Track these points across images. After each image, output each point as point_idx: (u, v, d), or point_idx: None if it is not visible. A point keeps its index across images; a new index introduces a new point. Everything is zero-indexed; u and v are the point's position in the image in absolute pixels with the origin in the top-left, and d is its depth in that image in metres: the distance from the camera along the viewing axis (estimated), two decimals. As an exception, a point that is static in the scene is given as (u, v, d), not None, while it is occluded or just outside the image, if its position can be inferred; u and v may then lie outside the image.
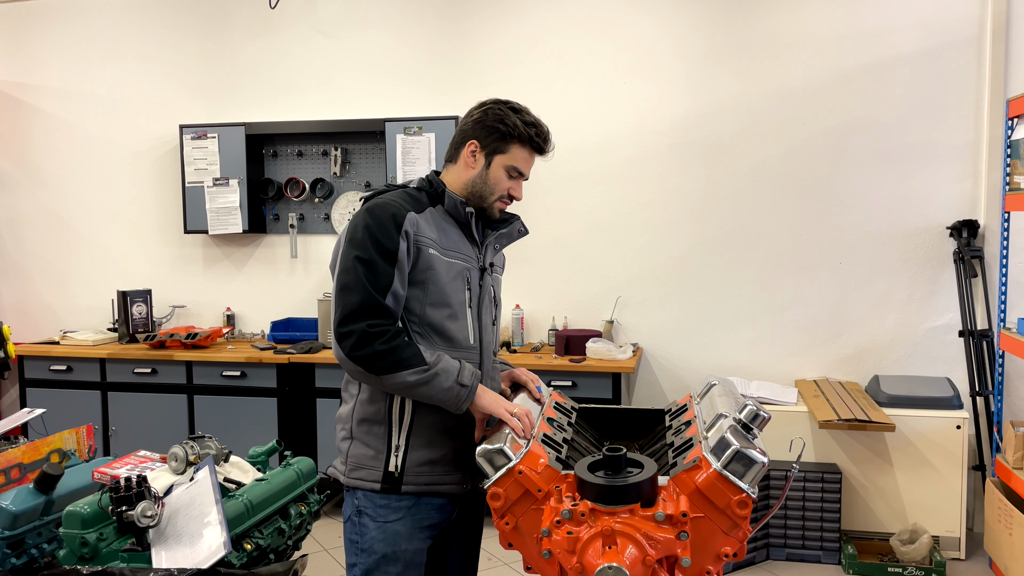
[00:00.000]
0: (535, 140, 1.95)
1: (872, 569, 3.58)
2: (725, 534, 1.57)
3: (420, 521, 1.90)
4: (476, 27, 4.52)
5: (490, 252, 2.03)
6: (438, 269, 1.87)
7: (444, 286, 1.88)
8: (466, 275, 1.94)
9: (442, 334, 1.89)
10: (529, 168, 1.99)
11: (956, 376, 4.05)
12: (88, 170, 5.07)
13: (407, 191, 1.96)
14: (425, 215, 1.90)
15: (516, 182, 1.98)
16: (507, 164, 1.95)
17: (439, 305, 1.88)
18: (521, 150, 1.95)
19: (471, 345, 1.94)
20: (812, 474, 3.71)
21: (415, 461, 1.88)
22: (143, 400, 4.44)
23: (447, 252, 1.91)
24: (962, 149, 4.04)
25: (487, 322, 2.00)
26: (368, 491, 1.90)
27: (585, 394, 4.00)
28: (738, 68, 4.25)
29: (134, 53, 4.96)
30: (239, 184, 4.65)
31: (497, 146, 1.94)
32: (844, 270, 4.21)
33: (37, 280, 5.19)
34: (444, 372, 1.79)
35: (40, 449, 2.46)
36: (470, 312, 1.94)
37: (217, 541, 2.07)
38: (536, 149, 1.97)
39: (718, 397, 1.87)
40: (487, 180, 1.95)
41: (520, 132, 1.93)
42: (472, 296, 1.95)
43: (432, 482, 1.90)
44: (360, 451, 1.91)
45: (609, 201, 4.44)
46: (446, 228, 1.93)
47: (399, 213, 1.83)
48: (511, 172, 1.96)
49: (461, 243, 1.95)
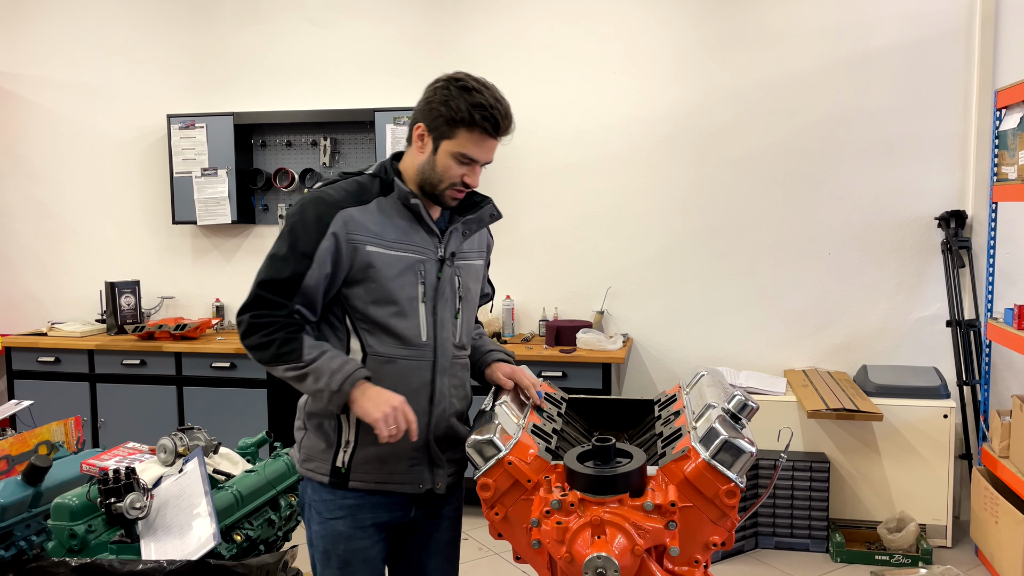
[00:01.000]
0: (483, 124, 1.77)
1: (860, 557, 3.61)
2: (713, 523, 1.58)
3: (363, 520, 1.85)
4: (466, 16, 4.50)
5: (455, 240, 1.89)
6: (379, 266, 1.78)
7: (388, 283, 1.79)
8: (418, 268, 1.83)
9: (389, 332, 1.81)
10: (485, 153, 1.81)
11: (943, 366, 4.07)
12: (75, 160, 5.03)
13: (359, 180, 1.86)
14: (370, 207, 1.80)
15: (470, 168, 1.81)
16: (454, 151, 1.78)
17: (383, 303, 1.80)
18: (469, 135, 1.78)
19: (423, 342, 1.83)
20: (800, 463, 3.74)
21: (363, 458, 1.82)
22: (132, 391, 4.42)
23: (393, 245, 1.80)
24: (950, 140, 4.05)
25: (445, 317, 1.87)
26: (317, 484, 1.87)
27: (575, 384, 4.01)
28: (728, 59, 4.24)
29: (121, 42, 4.91)
30: (228, 174, 4.62)
31: (443, 131, 1.79)
32: (833, 260, 4.22)
33: (24, 271, 5.15)
34: (315, 372, 1.74)
35: (28, 441, 2.44)
36: (423, 307, 1.83)
37: (206, 533, 2.06)
38: (487, 133, 1.78)
39: (707, 387, 1.87)
40: (435, 167, 1.81)
41: (465, 116, 1.76)
42: (426, 290, 1.84)
43: (382, 480, 1.84)
44: (311, 443, 1.88)
45: (599, 192, 4.44)
46: (395, 218, 1.82)
47: (327, 213, 1.76)
48: (460, 159, 1.79)
49: (413, 234, 1.83)
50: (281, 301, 1.76)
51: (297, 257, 1.75)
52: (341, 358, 1.76)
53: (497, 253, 2.16)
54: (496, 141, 1.82)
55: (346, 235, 1.76)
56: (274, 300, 1.76)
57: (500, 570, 3.58)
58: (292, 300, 1.76)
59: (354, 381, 1.73)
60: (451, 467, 1.93)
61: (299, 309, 1.78)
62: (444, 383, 1.87)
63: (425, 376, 1.85)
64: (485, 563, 3.65)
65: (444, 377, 1.88)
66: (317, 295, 1.78)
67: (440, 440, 1.88)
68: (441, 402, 1.87)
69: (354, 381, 1.73)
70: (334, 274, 1.78)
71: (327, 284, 1.79)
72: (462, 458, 1.93)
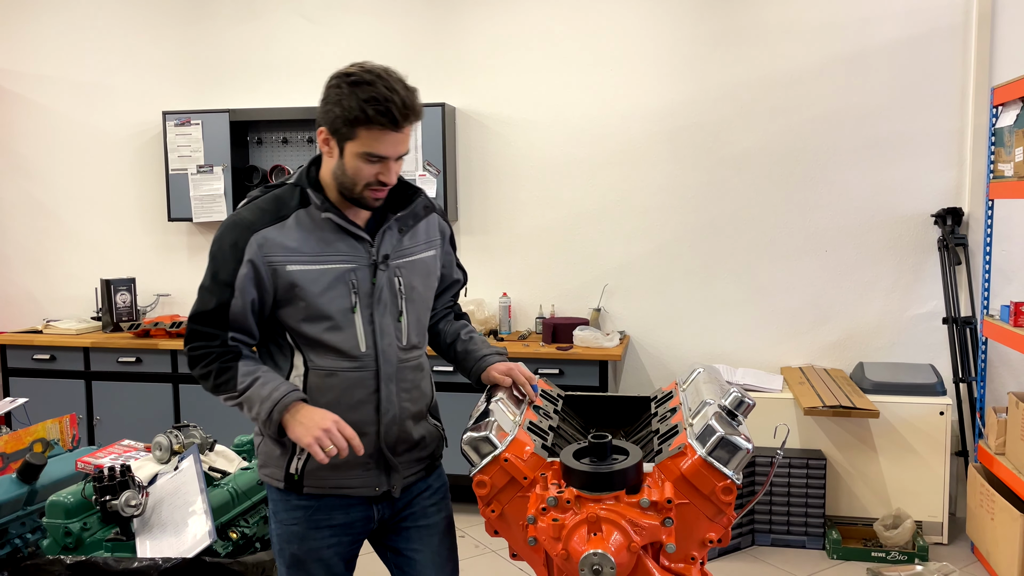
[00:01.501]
0: (380, 120, 1.65)
1: (856, 554, 3.62)
2: (710, 520, 1.58)
3: (318, 522, 1.84)
4: (462, 14, 4.49)
5: (389, 240, 1.82)
6: (304, 283, 1.74)
7: (316, 298, 1.74)
8: (349, 278, 1.77)
9: (326, 347, 1.78)
10: (392, 147, 1.70)
11: (940, 363, 4.08)
12: (70, 157, 5.01)
13: (278, 193, 1.79)
14: (288, 223, 1.75)
15: (382, 166, 1.71)
16: (359, 151, 1.69)
17: (315, 319, 1.76)
18: (369, 132, 1.67)
19: (362, 353, 1.79)
20: (797, 460, 3.74)
21: (316, 465, 1.79)
22: (127, 389, 4.41)
23: (317, 259, 1.75)
24: (947, 137, 4.05)
25: (384, 323, 1.81)
26: (274, 488, 1.86)
27: (572, 382, 4.01)
28: (724, 56, 4.24)
29: (116, 38, 4.89)
30: (223, 171, 4.61)
31: (343, 133, 1.69)
32: (829, 258, 4.22)
33: (20, 268, 5.14)
34: (247, 401, 1.74)
35: (23, 439, 2.44)
36: (359, 317, 1.78)
37: (202, 530, 2.06)
38: (387, 128, 1.67)
39: (703, 384, 1.87)
40: (345, 171, 1.72)
41: (359, 115, 1.66)
42: (360, 298, 1.78)
43: (336, 485, 1.83)
44: (267, 448, 1.86)
45: (596, 189, 4.43)
46: (318, 230, 1.76)
47: (241, 238, 1.72)
48: (368, 158, 1.70)
49: (339, 242, 1.77)
50: (213, 332, 1.76)
51: (220, 287, 1.74)
52: (271, 384, 1.73)
53: (494, 250, 2.15)
54: (401, 133, 1.70)
55: (263, 259, 1.73)
56: (206, 332, 1.76)
57: (497, 567, 3.58)
58: (224, 330, 1.76)
59: (282, 408, 1.70)
60: (412, 467, 1.91)
61: (234, 336, 1.77)
62: (390, 390, 1.83)
63: (369, 386, 1.81)
64: (482, 560, 3.65)
65: (390, 384, 1.83)
66: (247, 322, 1.77)
67: (394, 445, 1.85)
68: (390, 410, 1.83)
69: (282, 408, 1.70)
70: (261, 299, 1.76)
71: (257, 309, 1.77)
72: (428, 455, 1.94)
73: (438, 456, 1.99)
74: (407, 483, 1.90)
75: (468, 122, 4.51)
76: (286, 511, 1.85)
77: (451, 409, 3.90)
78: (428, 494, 1.95)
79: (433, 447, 1.96)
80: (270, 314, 1.79)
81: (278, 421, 1.71)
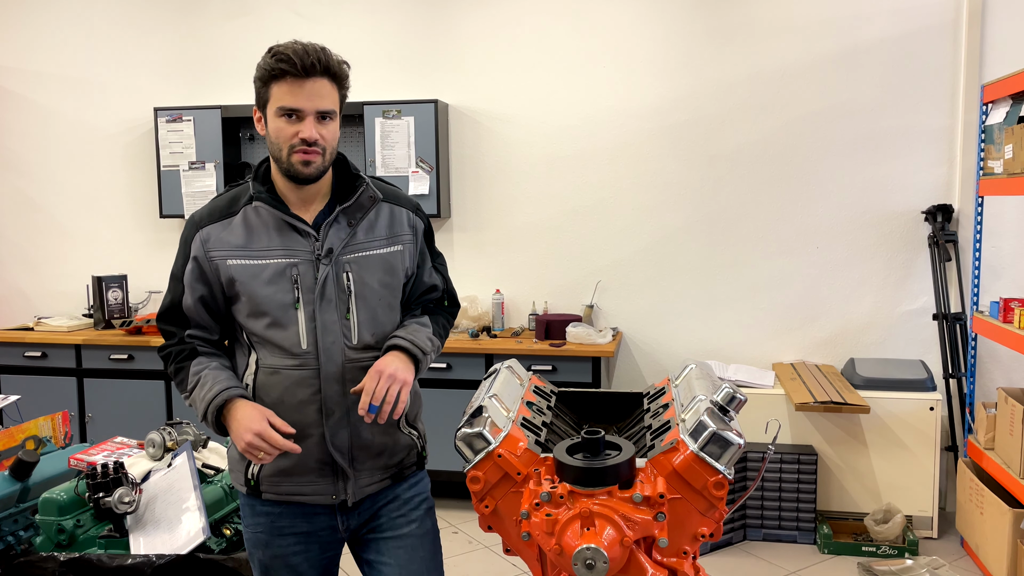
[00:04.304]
0: (281, 67, 1.63)
1: (847, 548, 3.64)
2: (702, 515, 1.59)
3: (282, 528, 1.80)
4: (456, 9, 4.49)
5: (335, 234, 1.75)
6: (244, 279, 1.73)
7: (256, 293, 1.72)
8: (291, 272, 1.73)
9: (271, 344, 1.75)
10: (303, 99, 1.65)
11: (930, 359, 4.11)
12: (61, 154, 4.99)
13: (237, 189, 1.80)
14: (236, 220, 1.75)
15: (301, 124, 1.66)
16: (274, 108, 1.67)
17: (256, 315, 1.74)
18: (279, 86, 1.65)
19: (303, 351, 1.73)
20: (788, 455, 3.76)
21: (270, 471, 1.77)
22: (119, 386, 4.40)
23: (259, 253, 1.73)
24: (937, 134, 4.08)
25: (327, 320, 1.75)
26: (241, 492, 1.85)
27: (565, 378, 4.02)
28: (717, 53, 4.25)
29: (107, 35, 4.87)
30: (215, 168, 4.60)
31: (263, 97, 1.69)
32: (821, 254, 4.24)
33: (10, 265, 5.11)
34: (194, 403, 1.75)
35: (15, 436, 2.43)
36: (302, 314, 1.73)
37: (196, 527, 2.06)
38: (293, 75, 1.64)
39: (695, 380, 1.88)
40: (271, 139, 1.70)
41: (267, 70, 1.66)
42: (303, 293, 1.73)
43: (291, 492, 1.79)
44: (232, 453, 1.85)
45: (589, 185, 4.44)
46: (262, 226, 1.75)
47: (189, 235, 1.77)
48: (282, 113, 1.66)
49: (284, 237, 1.74)
50: (172, 330, 1.80)
51: (174, 283, 1.80)
52: (208, 384, 1.72)
53: (487, 247, 2.12)
54: (310, 81, 1.65)
55: (205, 254, 1.75)
56: (168, 330, 1.81)
57: (490, 563, 3.59)
58: (181, 327, 1.79)
59: (215, 409, 1.69)
60: (373, 475, 1.83)
61: (192, 333, 1.79)
62: (334, 391, 1.75)
63: (311, 386, 1.75)
64: (475, 556, 3.66)
65: (335, 385, 1.75)
66: (201, 317, 1.78)
67: (347, 450, 1.78)
68: (335, 411, 1.76)
69: (215, 409, 1.69)
70: (212, 294, 1.77)
71: (212, 304, 1.78)
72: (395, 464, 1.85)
73: (408, 465, 1.89)
74: (367, 492, 1.83)
75: (461, 118, 4.51)
76: (251, 516, 1.83)
77: (445, 405, 3.92)
78: (396, 505, 1.87)
79: (401, 456, 1.87)
80: (226, 311, 1.79)
81: (214, 422, 1.71)
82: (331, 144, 1.73)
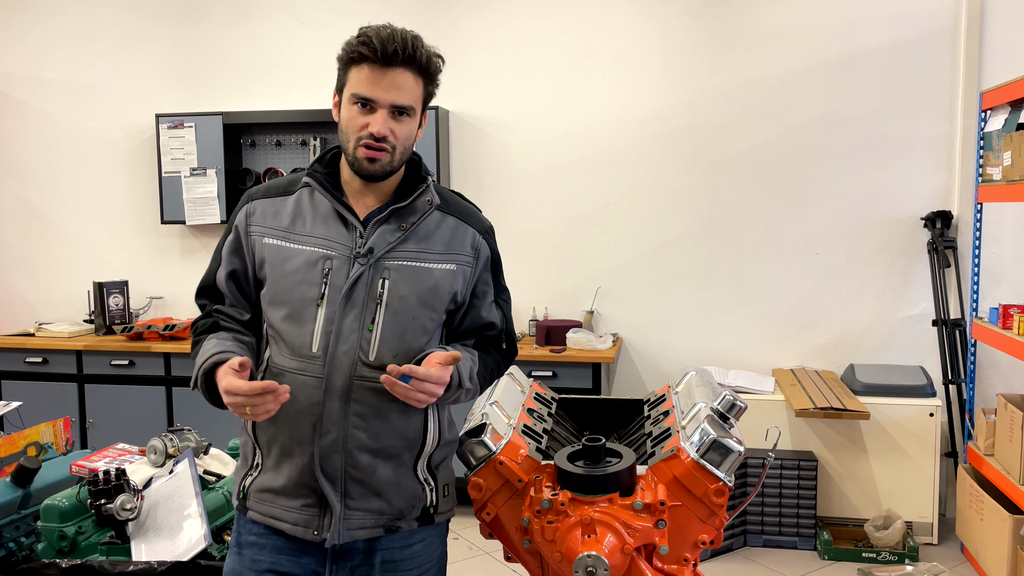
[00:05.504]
0: (361, 50, 1.50)
1: (847, 555, 3.64)
2: (702, 522, 1.59)
3: (260, 563, 1.57)
4: (456, 16, 4.51)
5: (381, 234, 1.57)
6: (274, 261, 1.57)
7: (281, 279, 1.56)
8: (323, 265, 1.54)
9: (282, 340, 1.56)
10: (381, 90, 1.50)
11: (929, 365, 4.11)
12: (63, 160, 5.00)
13: (302, 172, 1.65)
14: (290, 198, 1.61)
15: (372, 116, 1.51)
16: (349, 94, 1.53)
17: (277, 303, 1.57)
18: (358, 71, 1.51)
19: (312, 354, 1.53)
20: (788, 462, 3.76)
21: (261, 485, 1.59)
22: (121, 392, 4.40)
23: (297, 238, 1.57)
24: (936, 141, 4.09)
25: (347, 325, 1.53)
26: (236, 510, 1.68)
27: (565, 384, 4.02)
28: (716, 60, 4.27)
29: (109, 40, 4.88)
30: (217, 174, 4.61)
31: (341, 81, 1.56)
32: (820, 261, 4.25)
33: (11, 271, 5.12)
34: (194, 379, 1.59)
35: (16, 442, 2.43)
36: (322, 312, 1.53)
37: (197, 533, 2.07)
38: (373, 61, 1.50)
39: (695, 387, 1.89)
40: (341, 125, 1.55)
41: (348, 52, 1.53)
42: (330, 291, 1.54)
43: (272, 515, 1.57)
44: (240, 461, 1.69)
45: (589, 192, 4.45)
46: (312, 209, 1.59)
47: (240, 206, 1.65)
48: (356, 101, 1.52)
49: (329, 227, 1.57)
50: (204, 303, 1.67)
51: (215, 255, 1.67)
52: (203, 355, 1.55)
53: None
54: (392, 71, 1.51)
55: (246, 227, 1.61)
56: (201, 304, 1.68)
57: (491, 570, 3.59)
58: (212, 299, 1.65)
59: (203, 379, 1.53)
60: (364, 518, 1.56)
61: (219, 309, 1.64)
62: (335, 407, 1.53)
63: (312, 396, 1.53)
64: (476, 563, 3.65)
65: (337, 400, 1.53)
66: (232, 293, 1.63)
67: (337, 478, 1.54)
68: (330, 431, 1.53)
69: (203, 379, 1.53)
70: (244, 270, 1.63)
71: (242, 281, 1.63)
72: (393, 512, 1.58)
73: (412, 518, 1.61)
74: (353, 536, 1.56)
75: (461, 125, 4.52)
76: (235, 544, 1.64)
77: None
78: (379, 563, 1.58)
79: (401, 505, 1.59)
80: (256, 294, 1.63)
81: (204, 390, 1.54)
82: (403, 143, 1.55)
